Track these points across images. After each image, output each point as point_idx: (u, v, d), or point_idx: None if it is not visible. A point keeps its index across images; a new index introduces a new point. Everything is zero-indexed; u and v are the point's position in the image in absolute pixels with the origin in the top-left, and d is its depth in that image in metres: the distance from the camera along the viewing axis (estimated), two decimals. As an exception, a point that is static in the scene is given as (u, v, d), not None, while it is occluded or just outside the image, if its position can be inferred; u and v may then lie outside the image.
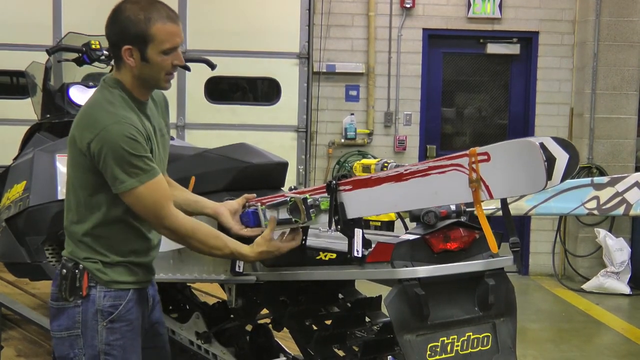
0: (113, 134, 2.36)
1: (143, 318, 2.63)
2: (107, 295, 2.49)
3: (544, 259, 8.18)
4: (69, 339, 2.50)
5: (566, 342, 6.00)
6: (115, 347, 2.50)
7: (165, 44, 2.43)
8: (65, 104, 4.43)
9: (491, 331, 2.69)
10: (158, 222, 2.46)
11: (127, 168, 2.37)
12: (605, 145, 8.00)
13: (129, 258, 2.54)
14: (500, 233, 2.60)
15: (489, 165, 2.24)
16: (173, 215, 2.47)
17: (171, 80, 2.53)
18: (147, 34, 2.41)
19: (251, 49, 7.54)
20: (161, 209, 2.44)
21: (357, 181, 2.55)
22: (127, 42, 2.43)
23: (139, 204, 2.42)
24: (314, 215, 2.58)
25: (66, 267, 2.51)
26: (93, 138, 2.37)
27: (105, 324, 2.48)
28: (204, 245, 2.54)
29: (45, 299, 5.44)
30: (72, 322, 2.49)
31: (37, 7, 7.38)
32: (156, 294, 2.78)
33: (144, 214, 2.45)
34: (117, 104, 2.45)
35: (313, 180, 7.88)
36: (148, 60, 2.44)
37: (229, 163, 3.51)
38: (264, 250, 2.61)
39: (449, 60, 8.33)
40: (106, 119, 2.39)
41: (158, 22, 2.41)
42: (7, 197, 4.29)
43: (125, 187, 2.38)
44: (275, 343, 3.61)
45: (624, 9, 7.90)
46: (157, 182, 2.43)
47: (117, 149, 2.35)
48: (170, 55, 2.46)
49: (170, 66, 2.47)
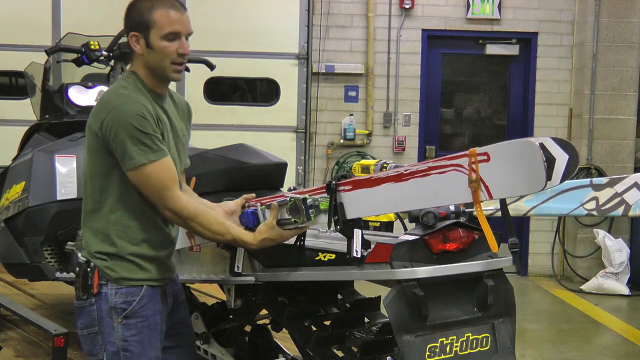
0: (123, 112, 2.43)
1: (162, 316, 2.63)
2: (118, 292, 2.52)
3: (543, 259, 8.18)
4: (89, 336, 2.56)
5: (565, 342, 6.00)
6: (132, 343, 2.52)
7: (165, 29, 2.50)
8: (64, 104, 4.43)
9: (490, 332, 2.69)
10: (162, 202, 2.49)
11: (136, 145, 2.42)
12: (604, 146, 8.00)
13: (141, 249, 2.54)
14: (499, 234, 2.60)
15: (488, 165, 2.24)
16: (177, 197, 2.50)
17: (181, 72, 2.59)
18: (149, 19, 2.50)
19: (250, 50, 7.55)
20: (167, 189, 2.47)
21: (357, 181, 2.55)
22: (134, 29, 2.54)
23: (146, 183, 2.46)
24: (313, 215, 2.58)
25: (79, 266, 2.56)
26: (105, 117, 2.44)
27: (120, 320, 2.51)
28: (206, 230, 2.56)
29: (43, 299, 5.44)
30: (90, 319, 2.54)
31: (37, 8, 7.38)
32: (180, 293, 2.80)
33: (149, 193, 2.48)
34: (130, 88, 2.53)
35: (312, 181, 7.88)
36: (152, 46, 2.52)
37: (228, 163, 3.51)
38: (266, 238, 2.62)
39: (448, 61, 8.33)
40: (117, 99, 2.47)
41: (160, 9, 2.51)
42: (6, 197, 4.29)
43: (134, 164, 2.43)
44: (274, 344, 3.61)
45: (623, 10, 7.91)
46: (165, 162, 2.48)
47: (127, 126, 2.41)
48: (174, 42, 2.52)
49: (175, 54, 2.53)
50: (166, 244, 2.64)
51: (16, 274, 4.42)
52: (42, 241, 4.11)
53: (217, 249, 3.05)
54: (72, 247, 4.03)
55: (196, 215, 2.53)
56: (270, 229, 2.62)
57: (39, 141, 4.40)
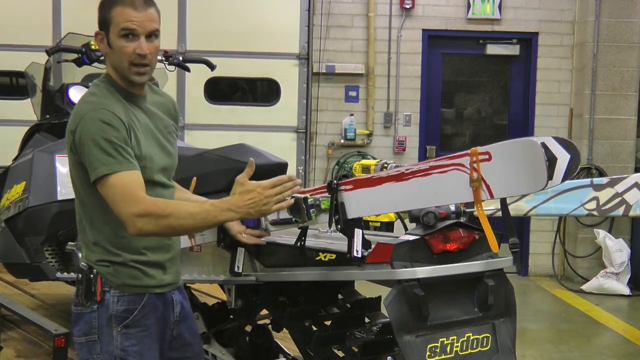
0: (89, 121, 2.33)
1: (165, 324, 2.55)
2: (120, 299, 2.44)
3: (544, 259, 8.18)
4: (87, 344, 2.47)
5: (565, 342, 6.00)
6: (130, 353, 2.44)
7: (120, 26, 2.39)
8: (64, 104, 4.43)
9: (491, 332, 2.69)
10: (127, 211, 2.27)
11: (100, 154, 2.29)
12: (604, 146, 8.00)
13: (143, 256, 2.46)
14: (500, 234, 2.59)
15: (490, 164, 2.24)
16: (142, 198, 2.29)
17: (144, 74, 2.44)
18: (108, 17, 2.41)
19: (251, 50, 7.55)
20: (130, 195, 2.28)
21: (358, 181, 2.54)
22: (99, 27, 2.45)
23: (109, 193, 2.30)
24: (314, 214, 2.58)
25: (82, 272, 2.47)
26: (75, 129, 2.35)
27: (120, 329, 2.43)
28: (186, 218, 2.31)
29: (44, 299, 5.44)
30: (89, 327, 2.45)
31: (37, 8, 7.38)
32: (186, 302, 2.67)
33: (113, 205, 2.30)
34: (100, 94, 2.42)
35: (312, 181, 7.88)
36: (112, 45, 2.43)
37: (228, 163, 3.51)
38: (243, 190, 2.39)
39: (448, 61, 8.33)
40: (85, 108, 2.37)
41: (118, 6, 2.40)
42: (6, 197, 4.30)
43: (96, 174, 2.29)
44: (274, 344, 3.61)
45: (624, 9, 7.91)
46: (130, 174, 2.31)
47: (92, 135, 2.31)
48: (131, 42, 2.40)
49: (134, 54, 2.39)
50: (167, 247, 2.54)
51: (17, 274, 4.42)
52: (42, 241, 4.11)
53: (218, 249, 3.05)
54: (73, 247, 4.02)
55: (166, 206, 2.30)
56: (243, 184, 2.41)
57: (39, 141, 4.40)
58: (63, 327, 3.88)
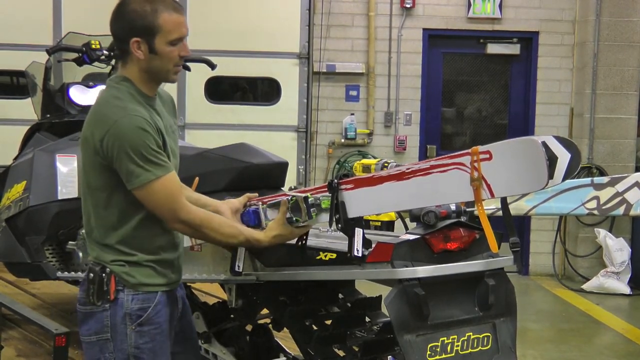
0: (124, 128, 2.34)
1: (172, 320, 2.60)
2: (135, 298, 2.46)
3: (544, 259, 8.18)
4: (98, 343, 2.47)
5: (566, 342, 6.00)
6: (144, 351, 2.47)
7: (172, 34, 2.43)
8: (65, 104, 4.44)
9: (491, 331, 2.69)
10: (172, 215, 2.43)
11: (140, 161, 2.34)
12: (605, 145, 8.00)
13: (157, 255, 2.51)
14: (500, 233, 2.59)
15: (490, 163, 2.24)
16: (186, 207, 2.44)
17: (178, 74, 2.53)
18: (155, 24, 2.41)
19: (251, 49, 7.55)
20: (174, 202, 2.41)
21: (358, 180, 2.55)
22: (135, 35, 2.41)
23: (153, 199, 2.39)
24: (314, 214, 2.58)
25: (93, 271, 2.47)
26: (104, 134, 2.35)
27: (134, 327, 2.45)
28: (219, 234, 2.51)
29: (45, 299, 5.44)
30: (101, 326, 2.46)
31: (37, 7, 7.38)
32: (185, 297, 2.75)
33: (157, 208, 2.42)
34: (125, 98, 2.43)
35: (313, 180, 7.88)
36: (156, 51, 2.43)
37: (229, 163, 3.51)
38: (277, 234, 2.60)
39: (449, 60, 8.33)
40: (115, 114, 2.37)
41: (165, 13, 2.42)
42: (7, 197, 4.30)
43: (140, 182, 2.35)
44: (275, 343, 3.61)
45: (624, 9, 7.90)
46: (170, 177, 2.41)
47: (129, 143, 2.34)
48: (177, 46, 2.46)
49: (178, 58, 2.47)
50: (177, 245, 2.61)
51: (17, 273, 4.43)
52: (43, 240, 4.11)
53: (218, 249, 3.05)
54: (73, 247, 4.04)
55: (209, 222, 2.49)
56: (281, 226, 2.60)
57: (40, 141, 4.41)
58: (64, 327, 3.88)
